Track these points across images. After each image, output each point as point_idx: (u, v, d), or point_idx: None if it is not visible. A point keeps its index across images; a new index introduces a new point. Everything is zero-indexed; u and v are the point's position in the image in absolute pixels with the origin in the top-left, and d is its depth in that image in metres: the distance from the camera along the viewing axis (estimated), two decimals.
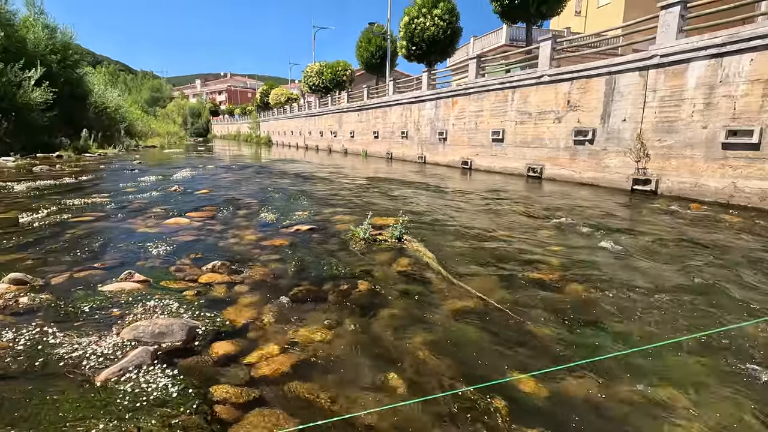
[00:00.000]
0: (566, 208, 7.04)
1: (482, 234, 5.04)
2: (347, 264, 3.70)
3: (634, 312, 2.86)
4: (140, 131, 33.31)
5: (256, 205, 6.55)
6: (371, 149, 22.17)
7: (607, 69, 9.30)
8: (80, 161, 15.32)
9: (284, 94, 46.08)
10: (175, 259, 3.65)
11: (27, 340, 2.20)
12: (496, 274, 3.62)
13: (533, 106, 11.47)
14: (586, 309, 2.93)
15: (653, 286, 3.35)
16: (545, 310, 2.87)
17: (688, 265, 3.92)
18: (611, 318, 2.78)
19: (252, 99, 68.26)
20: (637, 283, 3.40)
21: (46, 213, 5.45)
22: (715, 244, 4.70)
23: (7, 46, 17.74)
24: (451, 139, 15.33)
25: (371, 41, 24.79)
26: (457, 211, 6.69)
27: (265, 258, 3.81)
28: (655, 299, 3.07)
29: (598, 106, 9.66)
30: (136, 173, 11.15)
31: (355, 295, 3.06)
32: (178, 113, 67.51)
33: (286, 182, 9.93)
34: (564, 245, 4.62)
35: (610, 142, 9.42)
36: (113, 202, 6.47)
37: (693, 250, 4.51)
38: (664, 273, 3.71)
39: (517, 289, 3.29)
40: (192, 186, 8.57)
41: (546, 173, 11.16)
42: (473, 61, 13.87)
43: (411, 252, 4.12)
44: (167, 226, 4.95)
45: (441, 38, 17.61)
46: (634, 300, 3.06)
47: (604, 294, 3.16)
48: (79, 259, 3.62)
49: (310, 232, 4.83)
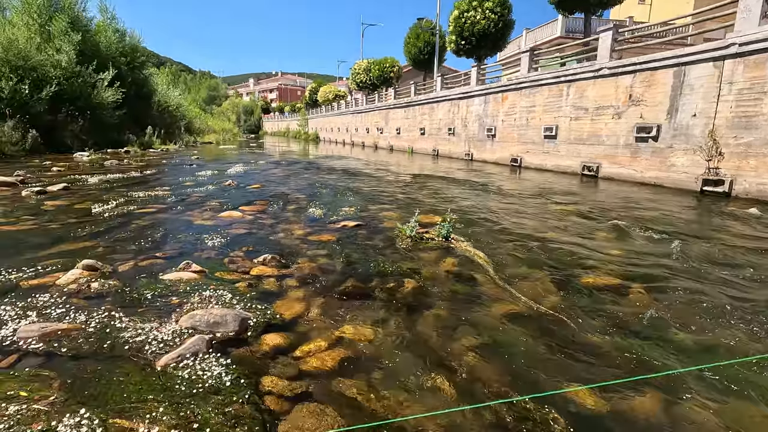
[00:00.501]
0: (626, 210, 6.61)
1: (533, 235, 4.83)
2: (394, 261, 3.67)
3: (707, 325, 2.61)
4: (198, 128, 35.18)
5: (305, 200, 6.69)
6: (417, 146, 22.04)
7: (676, 60, 8.60)
8: (145, 156, 16.42)
9: (332, 91, 46.90)
10: (229, 251, 3.80)
11: (97, 323, 2.36)
12: (549, 278, 3.45)
13: (590, 101, 10.86)
14: (651, 319, 2.71)
15: (729, 298, 3.04)
16: (604, 319, 2.69)
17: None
18: (680, 330, 2.55)
19: (301, 97, 70.10)
20: (711, 293, 3.11)
21: (115, 204, 5.87)
22: None
23: (84, 50, 19.32)
24: (500, 136, 14.89)
25: (419, 37, 24.58)
26: (506, 210, 6.47)
27: (313, 253, 3.87)
28: (730, 312, 2.79)
29: (664, 101, 8.98)
30: (194, 168, 11.78)
31: (402, 293, 3.02)
32: (233, 111, 70.62)
33: (333, 178, 10.08)
34: (625, 249, 4.32)
35: (677, 139, 8.72)
36: (173, 194, 6.86)
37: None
38: (741, 284, 3.37)
39: (573, 294, 3.11)
40: (244, 181, 8.91)
41: (603, 172, 10.55)
42: (526, 55, 13.35)
43: (459, 252, 4.03)
44: (221, 218, 5.16)
45: (492, 32, 17.12)
46: (706, 312, 2.79)
47: (672, 304, 2.92)
48: (142, 248, 3.86)
49: (356, 228, 4.86)
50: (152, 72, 28.97)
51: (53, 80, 16.78)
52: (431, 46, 24.01)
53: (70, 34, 18.70)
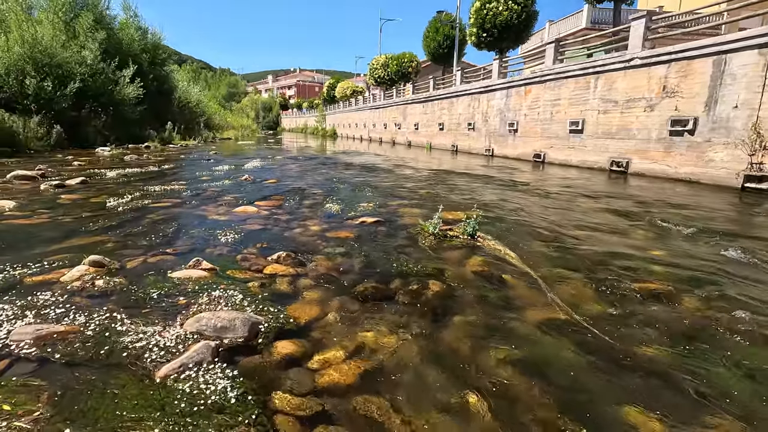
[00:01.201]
0: (663, 207, 6.19)
1: (565, 233, 4.50)
2: (416, 261, 3.42)
3: None
4: (217, 124, 35.50)
5: (322, 195, 6.48)
6: (435, 141, 21.66)
7: (716, 48, 8.06)
8: (164, 151, 16.53)
9: (350, 87, 46.73)
10: (242, 248, 3.60)
11: (97, 326, 2.18)
12: (588, 281, 3.14)
13: (620, 93, 10.34)
14: (711, 331, 2.39)
15: None
16: (657, 330, 2.38)
17: None
18: (748, 345, 2.23)
19: (319, 93, 70.25)
20: None
21: (130, 198, 5.77)
22: None
23: (107, 47, 19.59)
24: (522, 131, 14.42)
25: (439, 30, 24.12)
26: (533, 207, 6.13)
27: (330, 251, 3.64)
28: None
29: (701, 92, 8.44)
30: (211, 163, 11.73)
31: (426, 296, 2.76)
32: (251, 107, 71.26)
33: (351, 174, 9.86)
34: (668, 250, 3.96)
35: (716, 133, 8.19)
36: (189, 189, 6.74)
37: None
38: None
39: (617, 300, 2.80)
40: (261, 176, 8.78)
41: (633, 168, 10.03)
42: (551, 46, 12.85)
43: (486, 250, 3.74)
44: (236, 214, 4.99)
45: (515, 23, 16.60)
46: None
47: (733, 313, 2.58)
48: (153, 244, 3.70)
49: (375, 224, 4.61)
50: (173, 69, 29.32)
51: (77, 77, 17.03)
52: (450, 40, 23.53)
53: (95, 31, 18.99)
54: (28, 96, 15.43)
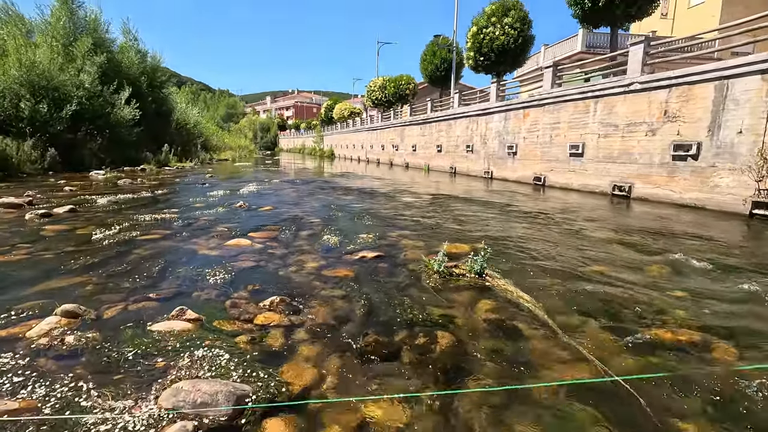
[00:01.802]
0: (673, 237, 5.96)
1: (577, 270, 4.25)
2: (422, 305, 3.15)
3: None
4: (215, 145, 35.48)
5: (319, 224, 6.23)
6: (433, 163, 21.59)
7: (718, 73, 8.00)
8: (159, 174, 16.33)
9: (347, 108, 47.10)
10: (232, 291, 3.32)
11: (57, 401, 1.88)
12: (608, 329, 2.88)
13: (620, 117, 10.26)
14: (753, 397, 2.11)
15: None
16: (693, 395, 2.10)
17: None
18: None
19: (317, 114, 70.90)
20: None
21: (118, 229, 5.50)
22: None
23: (106, 70, 19.62)
24: (521, 154, 14.33)
25: (436, 54, 24.39)
26: (539, 237, 5.89)
27: (328, 293, 3.37)
28: None
29: (704, 117, 8.34)
30: (206, 187, 11.51)
31: (435, 352, 2.49)
32: (249, 128, 71.73)
33: (349, 199, 9.64)
34: (689, 289, 3.71)
35: (720, 158, 8.05)
36: (181, 218, 6.48)
37: None
38: None
39: (646, 352, 2.53)
40: (256, 202, 8.54)
41: (635, 192, 9.87)
42: (549, 70, 12.87)
43: (496, 291, 3.48)
44: (228, 248, 4.72)
45: (511, 47, 16.73)
46: None
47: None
48: (136, 286, 3.42)
49: (376, 260, 4.35)
50: (172, 91, 29.44)
51: (73, 100, 16.96)
52: (448, 63, 23.77)
53: (94, 54, 19.03)
54: (23, 119, 15.30)
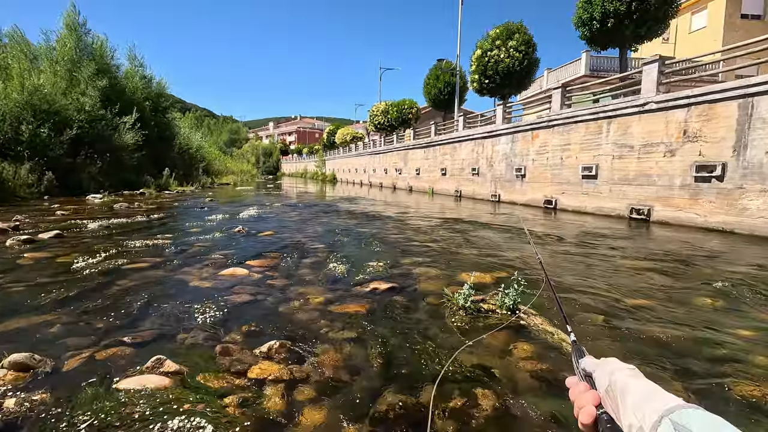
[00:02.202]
0: (710, 263, 5.44)
1: (618, 303, 3.72)
2: (449, 352, 2.62)
3: None
4: (217, 170, 35.41)
5: (324, 251, 5.74)
6: (438, 187, 21.23)
7: (741, 91, 7.64)
8: (158, 198, 15.94)
9: (350, 133, 47.31)
10: (223, 334, 2.80)
11: None
12: (675, 382, 2.34)
13: (636, 138, 9.89)
14: None
15: None
16: None
17: None
18: None
19: (319, 139, 71.42)
20: None
21: (104, 257, 5.01)
22: None
23: (109, 95, 19.59)
24: (530, 176, 13.94)
25: (439, 77, 24.45)
26: (564, 265, 5.37)
27: (337, 336, 2.84)
28: None
29: (728, 136, 7.94)
30: (204, 211, 11.07)
31: (477, 418, 1.95)
32: (252, 153, 72.24)
33: (354, 223, 9.17)
34: (756, 328, 3.18)
35: (748, 179, 7.60)
36: (174, 244, 6.00)
37: None
38: None
39: (728, 413, 1.99)
40: (257, 226, 8.07)
41: (655, 216, 9.38)
42: (557, 91, 12.62)
43: (533, 332, 2.95)
44: (222, 278, 4.21)
45: (517, 69, 16.62)
46: None
47: None
48: (111, 327, 2.90)
49: (390, 292, 3.84)
50: (176, 116, 29.55)
51: (75, 123, 16.80)
52: (451, 87, 23.77)
53: (97, 79, 19.04)
54: (21, 142, 15.06)
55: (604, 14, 12.80)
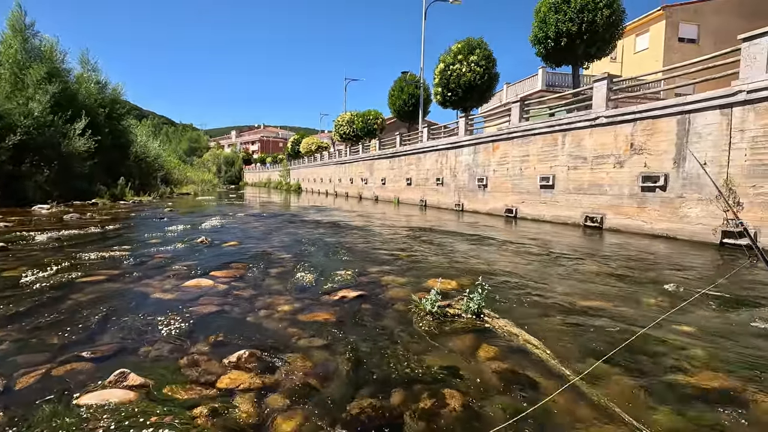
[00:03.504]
0: (656, 268, 5.86)
1: (575, 305, 3.94)
2: (418, 356, 2.69)
3: None
4: (176, 179, 34.19)
5: (291, 260, 5.70)
6: (403, 196, 21.51)
7: (680, 108, 8.33)
8: (113, 209, 15.20)
9: (315, 142, 47.10)
10: (189, 346, 2.75)
11: None
12: (630, 376, 2.53)
13: (589, 150, 10.50)
14: None
15: None
16: None
17: None
18: None
19: (283, 148, 70.60)
20: None
21: (55, 270, 4.75)
22: None
23: (59, 100, 18.57)
24: (492, 186, 14.42)
25: (404, 89, 24.92)
26: (524, 270, 5.61)
27: (306, 343, 2.85)
28: None
29: (669, 149, 8.60)
30: (164, 221, 10.68)
31: (447, 417, 2.02)
32: (213, 162, 70.32)
33: (321, 232, 9.14)
34: (696, 325, 3.47)
35: (687, 189, 8.25)
36: (132, 256, 5.76)
37: None
38: None
39: (677, 406, 2.18)
40: (220, 237, 7.88)
41: (607, 223, 9.96)
42: (516, 105, 13.21)
43: (498, 335, 3.08)
44: (187, 290, 4.11)
45: (478, 83, 17.25)
46: None
47: None
48: (68, 342, 2.77)
49: (359, 299, 3.88)
50: (132, 123, 28.37)
51: (19, 129, 15.78)
52: (415, 99, 24.29)
53: (47, 84, 18.03)
54: None
55: (557, 34, 13.59)
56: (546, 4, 13.87)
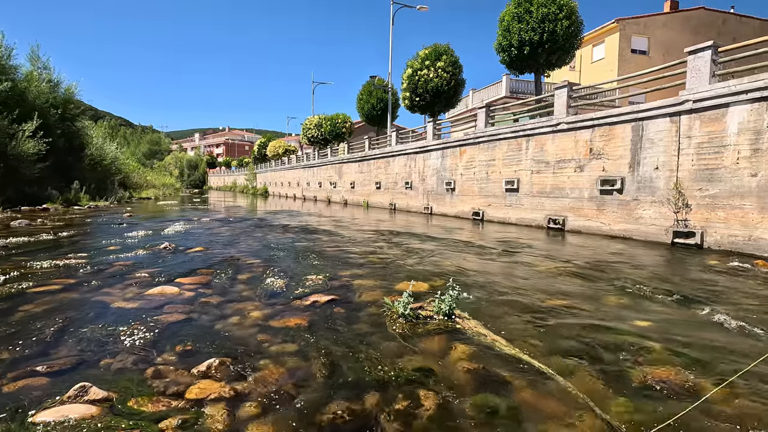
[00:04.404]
0: (614, 267, 6.15)
1: (540, 304, 4.08)
2: (392, 359, 2.71)
3: None
4: (136, 183, 32.78)
5: (260, 266, 5.59)
6: (373, 200, 21.55)
7: (634, 116, 8.81)
8: (67, 214, 14.39)
9: (282, 146, 46.40)
10: (155, 356, 2.64)
11: None
12: (593, 369, 2.65)
13: (551, 155, 10.91)
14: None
15: None
16: None
17: None
18: None
19: (249, 151, 69.14)
20: None
21: (2, 280, 4.45)
22: None
23: (5, 99, 17.42)
24: (459, 190, 14.70)
25: (372, 93, 25.02)
26: (492, 271, 5.76)
27: (278, 349, 2.81)
28: None
29: (625, 154, 9.08)
30: (124, 228, 10.21)
31: (422, 417, 2.05)
32: (176, 165, 67.94)
33: (290, 237, 9.02)
34: (650, 319, 3.67)
35: (642, 192, 8.72)
36: (90, 264, 5.48)
37: None
38: None
39: (639, 399, 2.30)
40: (185, 243, 7.62)
41: (569, 225, 10.37)
42: (482, 110, 13.55)
43: (469, 335, 3.15)
44: (150, 298, 3.95)
45: (445, 89, 17.57)
46: None
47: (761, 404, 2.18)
48: (20, 357, 2.61)
49: (330, 304, 3.86)
50: (86, 125, 26.98)
51: None
52: (384, 103, 24.45)
53: None
54: None
55: (521, 42, 14.08)
56: (510, 14, 14.35)
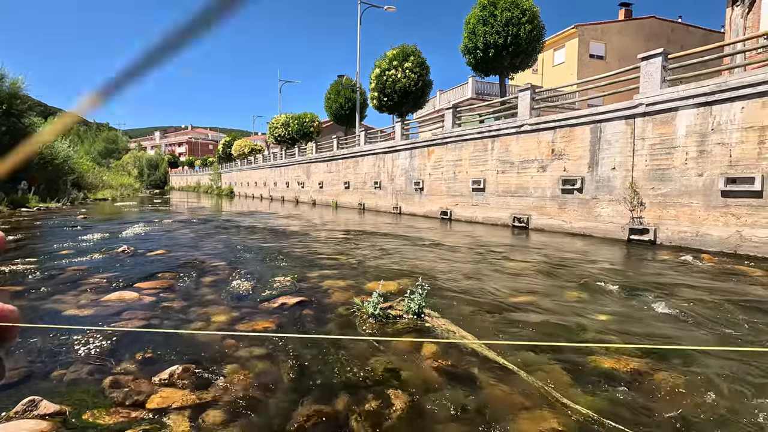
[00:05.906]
0: (575, 263, 6.40)
1: (505, 301, 4.19)
2: (362, 359, 2.70)
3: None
4: (91, 183, 31.10)
5: (226, 268, 5.44)
6: (342, 200, 21.42)
7: (592, 118, 9.19)
8: (13, 216, 13.47)
9: (248, 145, 45.31)
10: (113, 365, 2.52)
11: None
12: (557, 363, 2.74)
13: (515, 155, 11.22)
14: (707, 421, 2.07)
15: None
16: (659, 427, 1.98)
17: None
18: None
19: (214, 151, 67.17)
20: (751, 372, 2.61)
21: None
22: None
23: None
24: (428, 189, 14.86)
25: (340, 93, 24.88)
26: (460, 270, 5.86)
27: (246, 353, 2.74)
28: None
29: (584, 155, 9.45)
30: (78, 230, 9.66)
31: (392, 417, 2.05)
32: (134, 165, 64.99)
33: (257, 238, 8.82)
34: (608, 313, 3.84)
35: (600, 191, 9.11)
36: (39, 270, 5.15)
37: (754, 310, 3.84)
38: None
39: (599, 388, 2.41)
40: (145, 245, 7.30)
41: (533, 223, 10.70)
42: (449, 111, 13.75)
43: (438, 333, 3.19)
44: (107, 304, 3.76)
45: (413, 90, 17.71)
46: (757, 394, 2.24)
47: (720, 394, 2.33)
48: None
49: (299, 306, 3.80)
50: (35, 122, 25.37)
51: None
52: (352, 103, 24.36)
53: None
54: None
55: (486, 45, 14.40)
56: (475, 17, 14.64)
